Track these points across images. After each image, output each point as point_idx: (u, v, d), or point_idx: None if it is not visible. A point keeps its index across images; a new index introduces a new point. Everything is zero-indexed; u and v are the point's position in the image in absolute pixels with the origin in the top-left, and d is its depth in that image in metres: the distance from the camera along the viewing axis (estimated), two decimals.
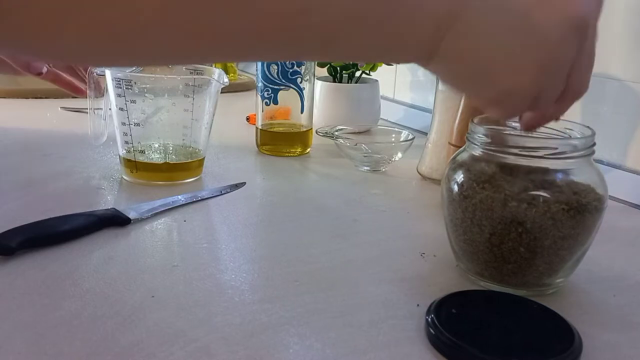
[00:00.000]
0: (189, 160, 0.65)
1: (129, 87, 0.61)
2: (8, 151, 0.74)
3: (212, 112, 0.65)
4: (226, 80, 0.64)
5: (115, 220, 0.51)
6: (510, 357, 0.33)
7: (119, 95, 0.62)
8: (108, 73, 0.62)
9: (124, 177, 0.65)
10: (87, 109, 0.68)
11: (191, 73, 0.68)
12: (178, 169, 0.65)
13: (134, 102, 0.62)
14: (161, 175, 0.65)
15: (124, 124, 0.63)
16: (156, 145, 0.65)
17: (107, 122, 0.68)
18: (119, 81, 0.61)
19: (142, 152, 0.64)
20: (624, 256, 0.50)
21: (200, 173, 0.67)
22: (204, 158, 0.67)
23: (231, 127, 0.92)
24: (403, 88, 1.02)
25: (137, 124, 0.63)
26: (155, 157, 0.65)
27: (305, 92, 0.76)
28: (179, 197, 0.58)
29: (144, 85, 0.62)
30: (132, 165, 0.64)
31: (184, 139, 0.65)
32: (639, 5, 0.62)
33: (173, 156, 0.65)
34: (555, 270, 0.41)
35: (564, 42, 0.31)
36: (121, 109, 0.62)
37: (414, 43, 0.30)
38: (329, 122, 0.84)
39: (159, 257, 0.47)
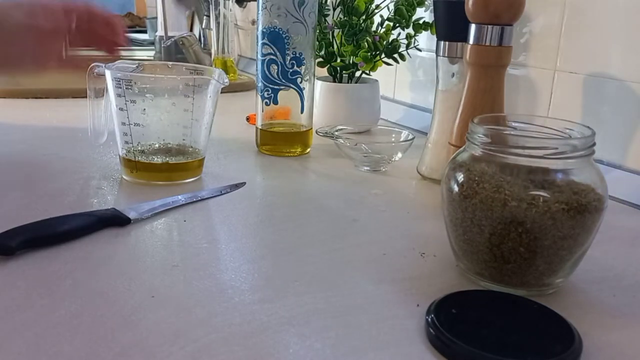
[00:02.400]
0: (189, 160, 0.65)
1: (129, 87, 0.61)
2: (8, 151, 0.74)
3: (212, 112, 0.65)
4: (226, 80, 0.64)
5: (115, 220, 0.51)
6: (510, 357, 0.33)
7: (118, 95, 0.62)
8: (108, 73, 0.62)
9: (124, 176, 0.65)
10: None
11: (191, 73, 0.68)
12: (178, 169, 0.65)
13: (133, 102, 0.62)
14: (161, 175, 0.65)
15: (124, 124, 0.63)
16: (156, 146, 0.65)
17: (107, 121, 0.68)
18: (119, 81, 0.61)
19: (142, 152, 0.64)
20: (624, 256, 0.50)
21: (200, 173, 0.67)
22: (204, 158, 0.67)
23: (231, 127, 0.92)
24: (403, 88, 1.02)
25: (137, 124, 0.63)
26: (156, 157, 0.65)
27: (305, 92, 0.76)
28: (179, 197, 0.58)
29: (144, 85, 0.62)
30: (132, 165, 0.64)
31: (184, 139, 0.65)
32: (639, 5, 0.62)
33: (173, 156, 0.65)
34: (555, 270, 0.41)
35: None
36: (121, 109, 0.62)
37: None
38: (329, 122, 0.84)
39: (159, 257, 0.47)
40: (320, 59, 0.90)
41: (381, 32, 0.88)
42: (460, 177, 0.43)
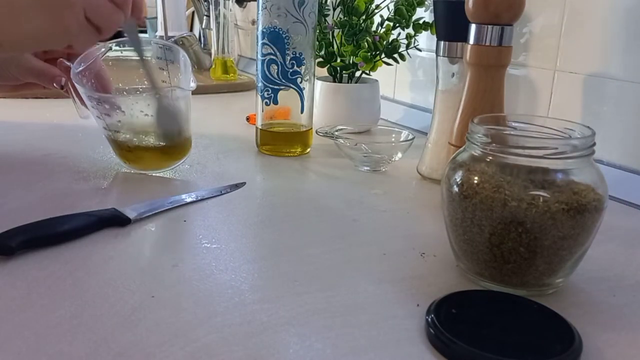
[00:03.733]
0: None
1: (100, 103, 0.62)
2: (8, 151, 0.74)
3: (187, 111, 0.66)
4: (192, 85, 0.64)
5: (115, 220, 0.51)
6: (510, 357, 0.33)
7: (93, 107, 0.63)
8: (79, 88, 0.62)
9: (122, 164, 0.68)
10: None
11: (160, 48, 0.68)
12: (167, 152, 0.66)
13: (108, 115, 0.63)
14: (152, 160, 0.66)
15: (105, 128, 0.65)
16: (141, 142, 0.66)
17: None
18: (89, 97, 0.62)
19: (129, 150, 0.65)
20: (624, 256, 0.50)
21: (189, 150, 0.68)
22: (190, 137, 0.68)
23: (231, 127, 0.92)
24: (403, 88, 1.02)
25: (117, 131, 0.64)
26: (143, 145, 0.66)
27: (305, 92, 0.76)
28: (180, 197, 0.58)
29: (115, 102, 0.63)
30: (125, 158, 0.66)
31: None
32: (639, 5, 0.62)
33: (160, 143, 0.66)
34: (555, 270, 0.41)
35: None
36: (98, 117, 0.64)
37: None
38: (329, 122, 0.84)
39: (159, 257, 0.47)
40: (320, 59, 0.90)
41: (381, 32, 0.88)
42: (460, 177, 0.43)
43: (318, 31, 0.87)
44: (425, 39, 0.92)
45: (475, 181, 0.41)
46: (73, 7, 0.49)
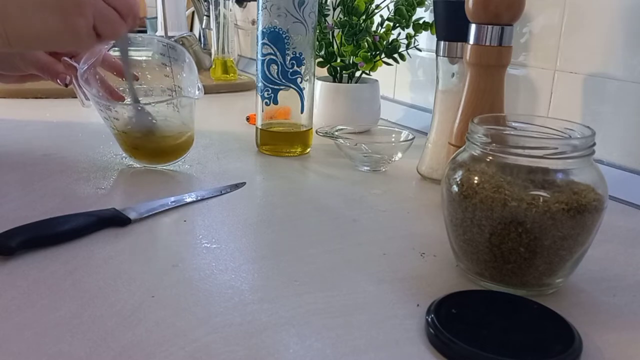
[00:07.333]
0: (176, 134, 0.67)
1: (109, 109, 0.63)
2: (8, 151, 0.74)
3: (192, 111, 0.67)
4: (198, 93, 0.65)
5: (115, 220, 0.51)
6: (510, 357, 0.33)
7: (100, 110, 0.63)
8: (87, 93, 0.63)
9: (128, 158, 0.69)
10: None
11: (164, 46, 0.69)
12: (170, 149, 0.67)
13: (117, 119, 0.64)
14: (155, 156, 0.67)
15: (112, 127, 0.65)
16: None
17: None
18: (97, 102, 0.63)
19: (136, 148, 0.66)
20: (624, 256, 0.50)
21: (190, 145, 0.69)
22: (193, 132, 0.69)
23: (231, 127, 0.92)
24: (403, 88, 1.02)
25: (124, 132, 0.64)
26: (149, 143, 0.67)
27: (305, 92, 0.76)
28: (180, 196, 0.58)
29: (123, 109, 0.65)
30: (129, 151, 0.68)
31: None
32: (639, 5, 0.62)
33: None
34: (555, 270, 0.41)
35: None
36: (106, 119, 0.64)
37: None
38: (329, 122, 0.84)
39: (159, 257, 0.47)
40: (320, 59, 0.90)
41: (381, 32, 0.88)
42: (460, 177, 0.43)
43: (318, 31, 0.87)
44: (425, 39, 0.92)
45: (475, 181, 0.41)
46: (85, 14, 0.50)
